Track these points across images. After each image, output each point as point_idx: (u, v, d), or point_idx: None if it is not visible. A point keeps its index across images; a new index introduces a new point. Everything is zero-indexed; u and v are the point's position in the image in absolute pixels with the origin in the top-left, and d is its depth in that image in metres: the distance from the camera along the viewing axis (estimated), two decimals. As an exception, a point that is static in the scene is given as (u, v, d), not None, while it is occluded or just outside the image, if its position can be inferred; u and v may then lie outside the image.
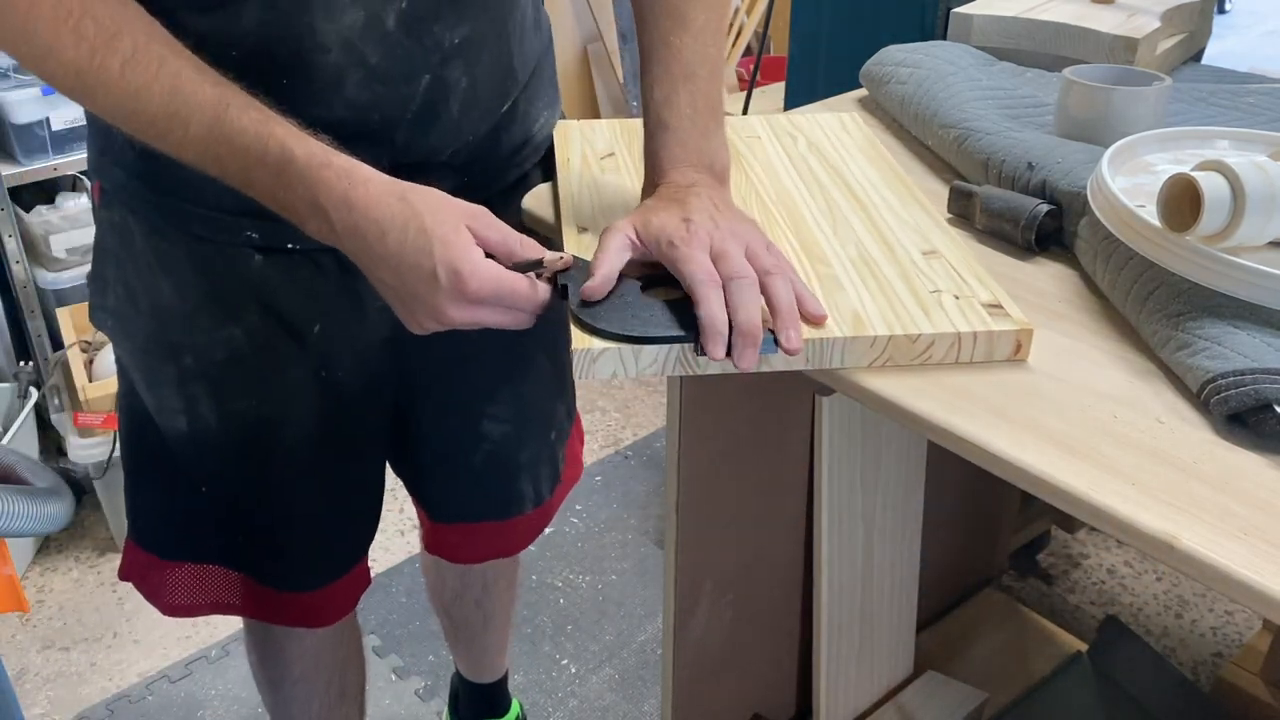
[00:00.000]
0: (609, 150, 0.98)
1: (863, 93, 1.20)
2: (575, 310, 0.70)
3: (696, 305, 0.68)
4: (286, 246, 0.90)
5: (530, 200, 0.94)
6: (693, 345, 0.68)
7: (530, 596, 1.89)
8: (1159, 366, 0.69)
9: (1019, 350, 0.70)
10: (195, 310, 0.92)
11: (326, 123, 0.75)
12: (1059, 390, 0.67)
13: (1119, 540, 0.58)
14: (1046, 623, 1.55)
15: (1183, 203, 0.70)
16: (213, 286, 0.91)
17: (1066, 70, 0.96)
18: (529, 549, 1.29)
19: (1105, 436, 0.62)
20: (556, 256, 0.72)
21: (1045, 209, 0.83)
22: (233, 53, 0.76)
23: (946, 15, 1.27)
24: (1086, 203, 0.80)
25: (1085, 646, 1.46)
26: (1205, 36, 1.29)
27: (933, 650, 1.46)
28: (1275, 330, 0.67)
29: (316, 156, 0.70)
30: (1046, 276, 0.82)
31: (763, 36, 1.88)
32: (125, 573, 1.08)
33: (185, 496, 1.00)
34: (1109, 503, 0.57)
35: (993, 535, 1.64)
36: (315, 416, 0.97)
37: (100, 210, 0.95)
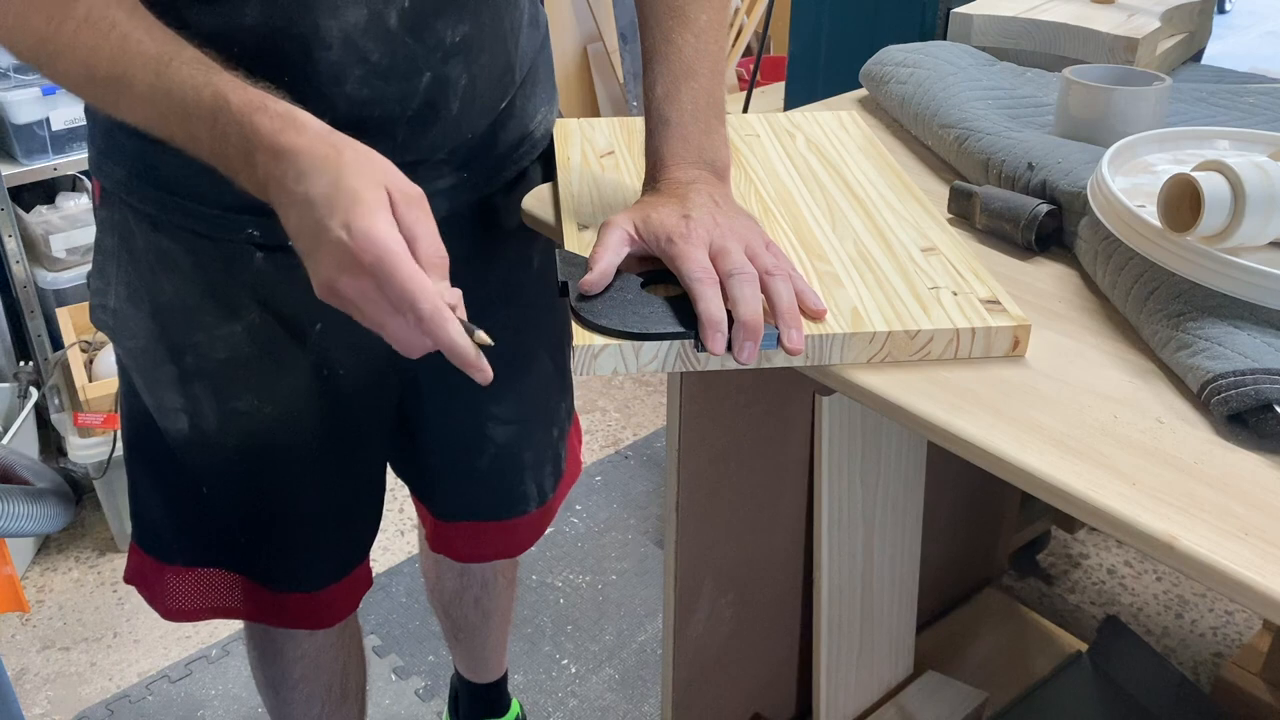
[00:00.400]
0: (609, 148, 0.98)
1: (863, 93, 1.20)
2: (576, 306, 0.70)
3: (695, 302, 0.68)
4: (288, 244, 0.89)
5: (531, 200, 0.94)
6: (693, 341, 0.68)
7: (530, 596, 1.89)
8: (1159, 367, 0.69)
9: (1017, 346, 0.70)
10: (196, 309, 0.92)
11: (327, 120, 0.74)
12: (1059, 390, 0.67)
13: (1119, 540, 0.57)
14: (1046, 623, 1.55)
15: (1183, 203, 0.70)
16: (213, 285, 0.91)
17: (1066, 70, 0.96)
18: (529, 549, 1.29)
19: (1105, 437, 0.62)
20: (483, 335, 0.67)
21: (1045, 209, 0.83)
22: (235, 49, 0.76)
23: (946, 15, 1.27)
24: (1086, 203, 0.80)
25: (1085, 646, 1.46)
26: (1205, 36, 1.29)
27: (933, 650, 1.46)
28: (1275, 330, 0.66)
29: (252, 102, 0.66)
30: (1046, 276, 0.82)
31: (763, 36, 1.88)
32: (130, 576, 1.08)
33: (187, 497, 1.00)
34: (1109, 503, 0.57)
35: (993, 535, 1.64)
36: (317, 416, 0.97)
37: (100, 209, 0.95)
